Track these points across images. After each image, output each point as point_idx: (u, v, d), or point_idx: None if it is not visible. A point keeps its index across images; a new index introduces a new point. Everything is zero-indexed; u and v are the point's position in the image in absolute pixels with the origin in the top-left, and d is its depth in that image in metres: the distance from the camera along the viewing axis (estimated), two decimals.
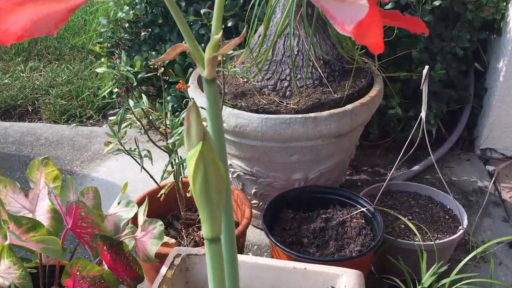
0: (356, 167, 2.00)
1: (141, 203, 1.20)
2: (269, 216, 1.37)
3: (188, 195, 1.39)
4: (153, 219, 1.05)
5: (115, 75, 1.17)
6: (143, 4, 2.12)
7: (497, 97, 1.96)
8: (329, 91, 1.44)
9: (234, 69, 1.27)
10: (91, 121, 2.49)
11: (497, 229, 1.67)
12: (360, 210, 1.39)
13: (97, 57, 2.91)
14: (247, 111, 1.39)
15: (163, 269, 1.02)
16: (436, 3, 1.81)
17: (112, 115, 2.50)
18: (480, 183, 1.91)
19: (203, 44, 1.92)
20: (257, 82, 1.49)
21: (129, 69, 1.15)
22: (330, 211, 1.42)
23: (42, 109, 2.57)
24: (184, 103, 1.76)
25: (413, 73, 1.86)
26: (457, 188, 1.87)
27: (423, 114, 1.30)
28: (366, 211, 1.38)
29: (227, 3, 1.94)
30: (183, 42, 0.46)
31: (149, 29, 2.16)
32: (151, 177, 1.35)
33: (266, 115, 1.36)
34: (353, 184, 1.91)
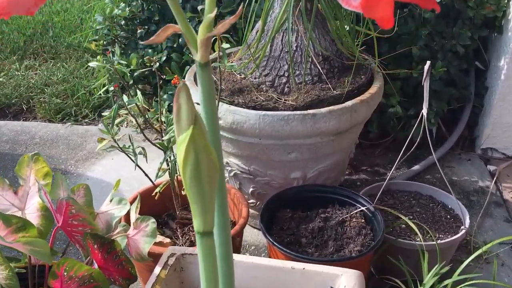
0: (355, 166, 1.97)
1: (134, 201, 1.16)
2: (267, 215, 1.34)
3: (184, 193, 1.36)
4: (145, 216, 1.02)
5: (109, 70, 1.14)
6: (139, 1, 2.08)
7: (498, 96, 1.93)
8: (328, 87, 1.41)
9: (231, 63, 1.24)
10: (86, 120, 2.45)
11: (499, 229, 1.64)
12: (360, 209, 1.35)
13: (93, 55, 2.88)
14: (244, 107, 1.36)
15: (157, 269, 0.99)
16: None
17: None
18: (481, 183, 1.88)
19: None
20: (254, 78, 1.45)
21: (122, 62, 1.11)
22: (329, 210, 1.38)
23: (37, 107, 2.53)
24: None
25: (413, 71, 1.83)
26: (458, 188, 1.84)
27: (424, 111, 1.27)
28: (366, 210, 1.35)
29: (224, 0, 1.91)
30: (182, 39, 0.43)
31: (146, 27, 2.13)
32: (145, 175, 1.32)
33: (264, 112, 1.33)
34: (352, 184, 1.87)
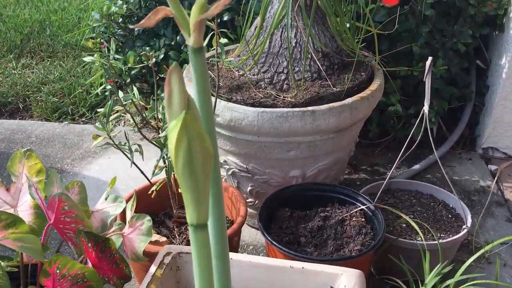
0: (355, 166, 1.95)
1: (130, 199, 1.14)
2: (265, 214, 1.32)
3: (181, 191, 1.33)
4: (140, 214, 0.99)
5: (104, 64, 1.11)
6: None
7: (499, 95, 1.91)
8: (328, 84, 1.39)
9: (229, 58, 1.22)
10: (83, 118, 2.42)
11: (501, 229, 1.62)
12: (360, 208, 1.33)
13: (91, 54, 2.85)
14: (242, 104, 1.34)
15: (152, 268, 0.96)
16: None
17: None
18: (482, 182, 1.85)
19: None
20: (253, 75, 1.43)
21: (117, 56, 1.09)
22: (328, 209, 1.36)
23: (33, 106, 2.51)
24: None
25: (414, 68, 1.80)
26: (459, 188, 1.82)
27: (426, 107, 1.24)
28: (366, 209, 1.33)
29: None
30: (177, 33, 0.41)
31: None
32: (141, 172, 1.29)
33: (262, 109, 1.30)
34: (352, 183, 1.85)
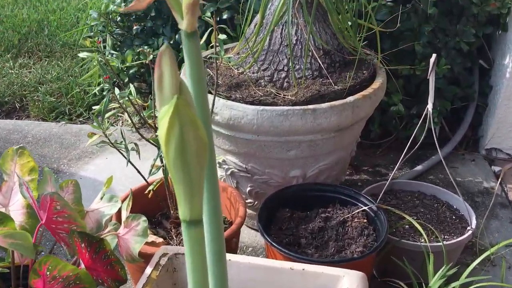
0: (356, 166, 1.92)
1: (126, 199, 1.11)
2: (265, 215, 1.29)
3: None
4: (136, 214, 0.96)
5: (100, 61, 1.08)
6: None
7: (503, 95, 1.88)
8: (329, 82, 1.36)
9: (228, 55, 1.19)
10: (80, 118, 2.39)
11: (505, 231, 1.59)
12: (362, 209, 1.30)
13: (88, 52, 2.82)
14: (242, 103, 1.31)
15: (148, 270, 0.93)
16: None
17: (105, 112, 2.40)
18: (485, 184, 1.82)
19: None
20: (252, 73, 1.40)
21: (113, 53, 1.06)
22: (329, 210, 1.33)
23: (30, 106, 2.47)
24: None
25: (416, 67, 1.77)
26: (462, 189, 1.78)
27: (430, 106, 1.21)
28: (368, 210, 1.30)
29: None
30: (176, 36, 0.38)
31: (142, 23, 2.08)
32: (138, 171, 1.26)
33: (262, 107, 1.28)
34: (353, 184, 1.82)
